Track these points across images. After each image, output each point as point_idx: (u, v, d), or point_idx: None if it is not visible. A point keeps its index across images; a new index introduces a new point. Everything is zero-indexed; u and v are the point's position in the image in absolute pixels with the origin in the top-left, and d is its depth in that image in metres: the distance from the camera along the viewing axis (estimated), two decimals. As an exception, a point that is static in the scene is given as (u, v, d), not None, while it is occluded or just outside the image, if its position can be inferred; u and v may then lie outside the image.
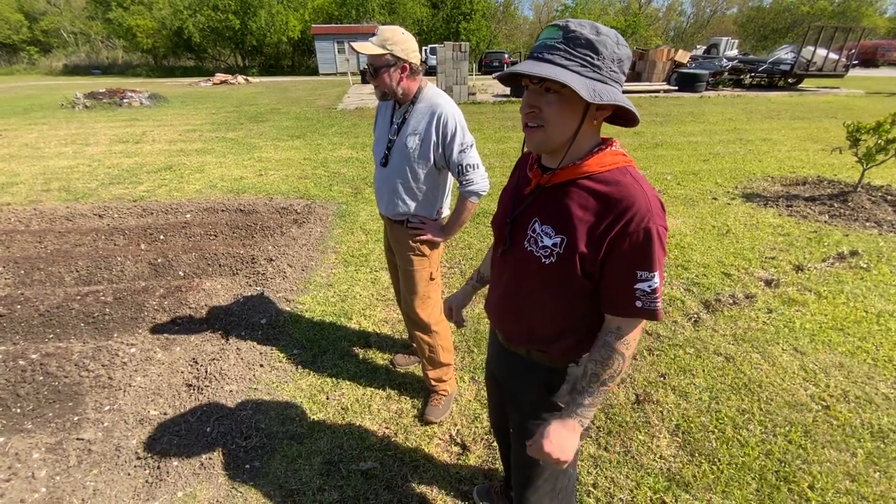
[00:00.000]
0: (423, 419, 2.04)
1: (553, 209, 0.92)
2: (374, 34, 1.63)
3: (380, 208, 1.93)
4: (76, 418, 2.01)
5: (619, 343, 0.91)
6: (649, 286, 0.86)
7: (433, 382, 2.07)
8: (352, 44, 1.63)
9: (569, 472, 1.21)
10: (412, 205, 1.80)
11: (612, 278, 0.89)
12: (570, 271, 0.90)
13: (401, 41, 1.62)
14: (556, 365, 1.04)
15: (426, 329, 1.96)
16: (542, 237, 0.92)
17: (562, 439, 0.92)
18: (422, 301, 1.92)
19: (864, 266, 3.34)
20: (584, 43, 0.80)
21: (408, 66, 1.65)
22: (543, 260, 0.92)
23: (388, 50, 1.59)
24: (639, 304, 0.87)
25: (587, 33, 0.80)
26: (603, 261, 0.88)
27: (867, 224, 4.08)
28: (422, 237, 1.83)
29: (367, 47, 1.59)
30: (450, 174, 1.85)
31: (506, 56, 25.78)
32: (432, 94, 1.74)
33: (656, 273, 0.86)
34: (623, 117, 0.90)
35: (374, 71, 1.64)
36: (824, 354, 2.43)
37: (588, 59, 0.80)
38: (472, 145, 1.71)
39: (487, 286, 1.22)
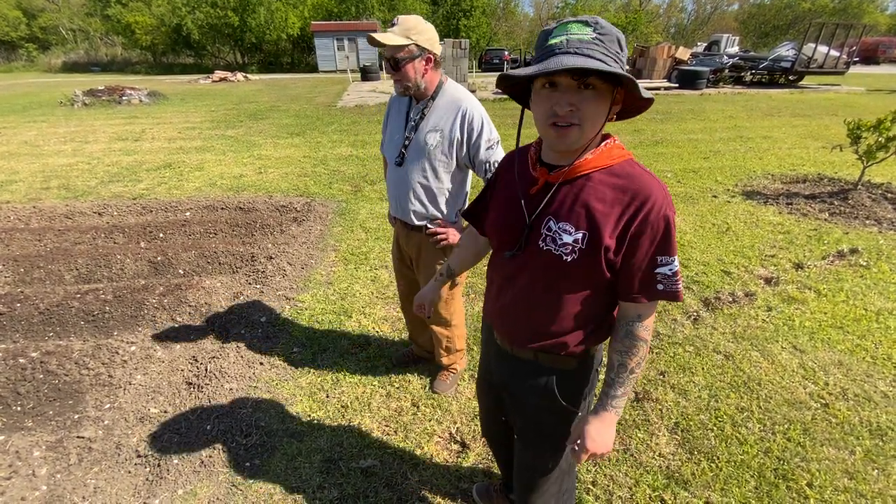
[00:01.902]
0: (431, 390, 2.20)
1: (569, 205, 0.91)
2: (394, 24, 1.53)
3: (394, 212, 1.85)
4: (76, 416, 2.01)
5: (642, 330, 0.94)
6: (670, 269, 0.89)
7: (445, 364, 2.18)
8: (372, 34, 1.47)
9: (573, 473, 1.21)
10: (431, 206, 1.73)
11: (633, 267, 0.90)
12: (593, 265, 0.90)
13: (424, 30, 1.53)
14: (562, 366, 1.04)
15: (447, 325, 2.04)
16: (560, 235, 0.91)
17: (603, 435, 0.96)
18: (446, 303, 1.97)
19: (864, 264, 3.34)
20: (615, 39, 0.81)
21: (431, 56, 1.56)
22: (565, 257, 0.91)
23: (412, 40, 1.50)
24: (661, 286, 0.90)
25: (614, 30, 0.81)
26: (624, 252, 0.89)
27: (867, 222, 4.07)
28: (444, 242, 1.77)
29: (390, 38, 1.48)
30: (470, 174, 1.78)
31: (506, 53, 25.70)
32: (453, 89, 1.66)
33: (675, 257, 0.90)
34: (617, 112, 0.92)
35: (395, 63, 1.53)
36: (823, 352, 2.43)
37: (618, 54, 0.81)
38: (498, 142, 1.66)
39: (485, 293, 1.19)
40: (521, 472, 1.20)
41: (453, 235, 1.76)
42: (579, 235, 0.89)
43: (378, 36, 1.49)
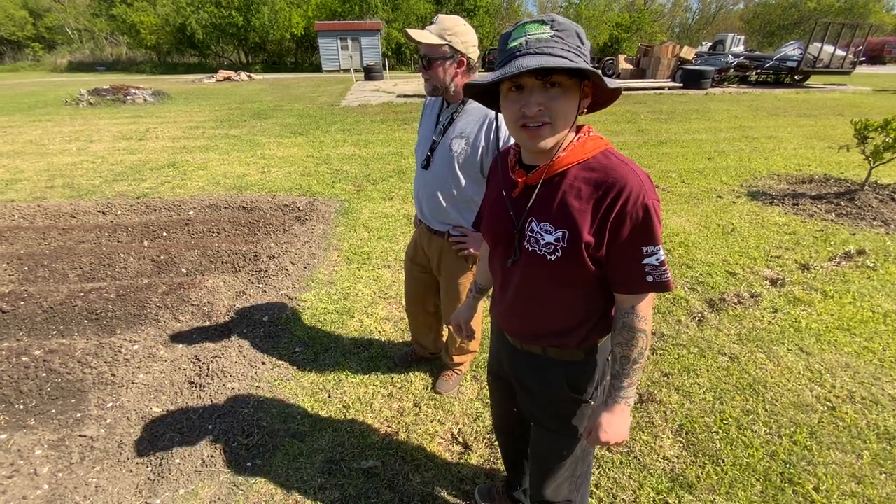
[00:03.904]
0: (434, 390, 2.19)
1: (548, 205, 0.92)
2: (433, 22, 1.51)
3: (418, 214, 1.86)
4: (79, 415, 2.01)
5: (638, 321, 0.94)
6: (656, 259, 0.89)
7: (454, 362, 2.17)
8: (408, 30, 1.48)
9: (588, 459, 1.22)
10: (453, 214, 1.71)
11: (619, 260, 0.90)
12: (578, 263, 0.91)
13: (461, 33, 1.50)
14: (573, 358, 1.05)
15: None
16: (542, 235, 0.92)
17: (615, 426, 0.98)
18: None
19: (871, 265, 3.31)
20: (574, 34, 0.82)
21: (465, 60, 1.54)
22: (548, 257, 0.92)
23: (446, 41, 1.47)
24: (649, 278, 0.89)
25: (572, 25, 0.82)
26: (608, 245, 0.89)
27: (874, 223, 4.04)
28: (465, 251, 1.74)
29: (425, 36, 1.47)
30: None
31: (509, 52, 25.63)
32: None
33: (660, 246, 0.89)
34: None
35: (427, 62, 1.52)
36: (830, 355, 2.41)
37: (579, 48, 0.82)
38: None
39: (490, 294, 1.21)
40: (536, 459, 1.22)
41: (474, 245, 1.73)
42: (559, 234, 0.90)
43: (413, 33, 1.47)
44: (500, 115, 1.54)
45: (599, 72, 0.79)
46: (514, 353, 1.15)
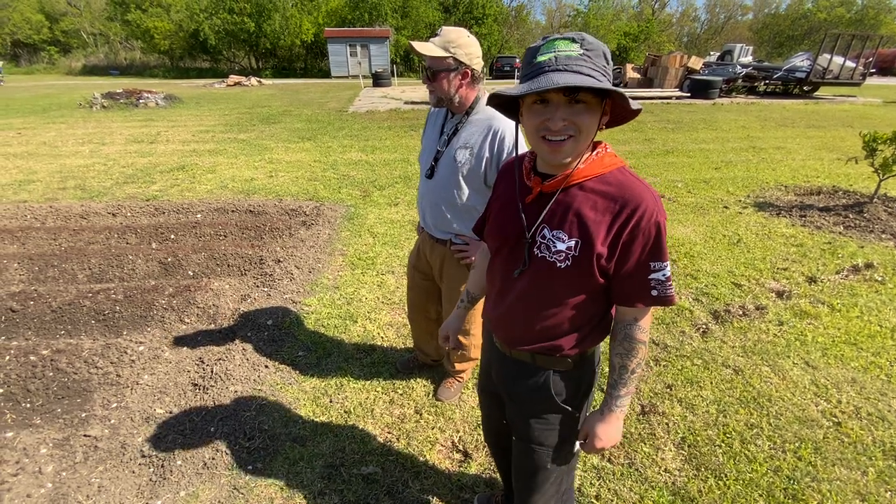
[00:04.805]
0: (435, 397, 2.20)
1: (563, 213, 0.94)
2: (437, 34, 1.52)
3: (421, 222, 1.89)
4: (84, 415, 2.03)
5: (639, 332, 0.98)
6: (663, 275, 0.92)
7: (455, 369, 2.17)
8: (412, 43, 1.50)
9: (572, 473, 1.22)
10: (456, 223, 1.73)
11: (627, 273, 0.93)
12: (586, 272, 0.93)
13: (465, 45, 1.51)
14: (559, 367, 1.06)
15: (465, 333, 2.02)
16: (553, 242, 0.94)
17: (609, 433, 1.03)
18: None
19: (880, 279, 3.27)
20: (601, 54, 0.84)
21: (469, 72, 1.55)
22: (558, 264, 0.94)
23: (450, 53, 1.49)
24: (654, 292, 0.93)
25: (600, 45, 0.84)
26: (617, 258, 0.92)
27: (883, 236, 4.00)
28: (466, 260, 1.76)
29: (428, 48, 1.48)
30: None
31: (517, 61, 25.80)
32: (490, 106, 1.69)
33: (667, 262, 0.92)
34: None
35: (431, 74, 1.53)
36: (836, 369, 2.38)
37: (605, 69, 0.84)
38: None
39: (485, 298, 1.22)
40: (520, 473, 1.21)
41: (476, 253, 1.74)
42: (572, 243, 0.92)
43: (417, 45, 1.49)
44: (504, 128, 1.58)
45: (625, 93, 0.80)
46: (503, 361, 1.15)
